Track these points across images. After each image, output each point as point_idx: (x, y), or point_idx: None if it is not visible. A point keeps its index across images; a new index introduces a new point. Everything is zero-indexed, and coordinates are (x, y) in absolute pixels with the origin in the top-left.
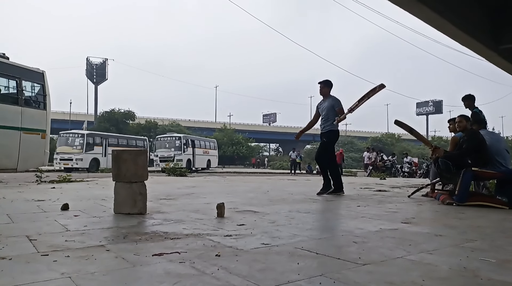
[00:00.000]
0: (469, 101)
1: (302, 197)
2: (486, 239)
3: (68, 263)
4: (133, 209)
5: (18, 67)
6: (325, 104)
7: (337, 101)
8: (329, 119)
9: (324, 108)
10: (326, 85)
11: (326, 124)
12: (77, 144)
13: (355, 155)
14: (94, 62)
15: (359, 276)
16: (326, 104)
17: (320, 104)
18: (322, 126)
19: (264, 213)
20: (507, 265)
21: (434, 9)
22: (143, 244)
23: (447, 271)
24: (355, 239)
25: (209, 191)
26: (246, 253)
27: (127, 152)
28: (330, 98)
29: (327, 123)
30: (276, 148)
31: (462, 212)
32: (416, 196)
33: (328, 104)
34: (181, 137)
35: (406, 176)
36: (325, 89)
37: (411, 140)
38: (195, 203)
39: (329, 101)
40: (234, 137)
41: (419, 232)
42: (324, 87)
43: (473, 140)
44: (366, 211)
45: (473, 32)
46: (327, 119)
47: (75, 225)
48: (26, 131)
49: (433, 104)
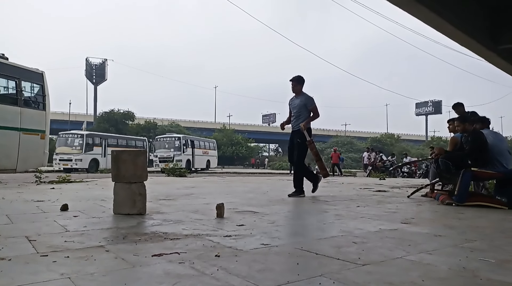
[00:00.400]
0: (459, 109)
1: (301, 198)
2: (485, 239)
3: (68, 264)
4: (133, 210)
5: (17, 67)
6: (297, 101)
7: (310, 100)
8: (300, 117)
9: (296, 106)
10: (298, 82)
11: (298, 122)
12: (76, 144)
13: (354, 156)
14: (93, 62)
15: (359, 277)
16: (298, 101)
17: (292, 101)
18: (294, 124)
19: (263, 213)
20: (506, 265)
21: (433, 9)
22: (142, 244)
23: (447, 271)
24: (355, 240)
25: (209, 191)
26: (246, 254)
27: (127, 153)
28: (303, 96)
29: (298, 121)
30: (275, 148)
31: (462, 212)
32: (416, 196)
33: (300, 102)
34: (180, 137)
35: (405, 176)
36: (297, 87)
37: (410, 141)
38: (195, 203)
39: (302, 98)
40: (234, 137)
41: (418, 233)
42: (296, 84)
43: (476, 141)
44: (365, 212)
45: (472, 32)
46: (299, 117)
47: (75, 226)
48: (25, 131)
49: (432, 104)
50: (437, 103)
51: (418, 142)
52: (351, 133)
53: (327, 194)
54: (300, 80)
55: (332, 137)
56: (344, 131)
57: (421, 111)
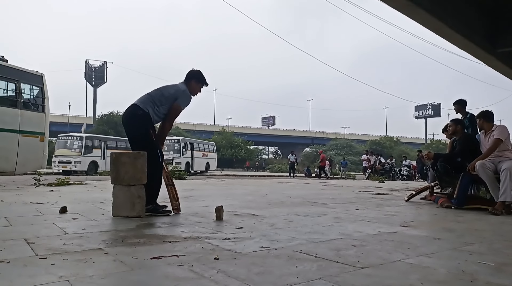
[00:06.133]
0: (458, 106)
1: (300, 200)
2: (484, 243)
3: (66, 267)
4: (132, 212)
5: (17, 70)
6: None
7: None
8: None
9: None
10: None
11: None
12: (75, 147)
13: (353, 158)
14: (93, 65)
15: (358, 280)
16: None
17: None
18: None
19: (262, 216)
20: (505, 268)
21: (432, 12)
22: (141, 247)
23: (446, 274)
24: (354, 242)
25: (208, 194)
26: (245, 256)
27: (126, 155)
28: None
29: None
30: (275, 151)
31: (461, 216)
32: (415, 200)
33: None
34: (180, 140)
35: (404, 179)
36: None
37: (409, 143)
38: (194, 206)
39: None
40: (233, 140)
41: (417, 236)
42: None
43: (465, 143)
44: (364, 214)
45: (471, 36)
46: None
47: (74, 228)
48: (24, 134)
49: (431, 107)
50: (436, 106)
51: (418, 145)
52: (350, 136)
53: (327, 196)
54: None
55: (331, 139)
56: (343, 134)
57: (420, 114)
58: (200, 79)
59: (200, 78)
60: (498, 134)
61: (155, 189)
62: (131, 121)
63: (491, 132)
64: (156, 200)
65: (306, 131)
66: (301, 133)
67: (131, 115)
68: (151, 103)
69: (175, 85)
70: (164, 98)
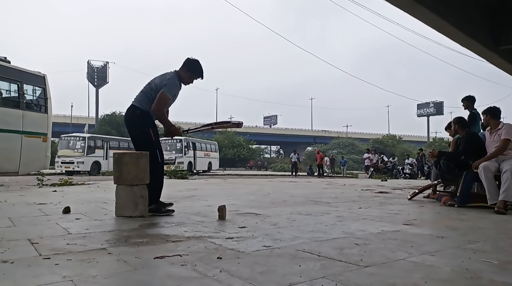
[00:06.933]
0: (467, 103)
1: (303, 199)
2: (488, 241)
3: (70, 267)
4: (135, 212)
5: (19, 70)
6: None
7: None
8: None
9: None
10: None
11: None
12: (78, 147)
13: (356, 157)
14: (95, 65)
15: (361, 278)
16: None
17: None
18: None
19: (265, 215)
20: (509, 266)
21: (435, 10)
22: (144, 247)
23: (449, 273)
24: (357, 241)
25: (210, 193)
26: (248, 256)
27: (128, 155)
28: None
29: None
30: (277, 150)
31: (464, 214)
32: (418, 198)
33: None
34: (182, 139)
35: (407, 177)
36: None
37: (412, 142)
38: (196, 205)
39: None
40: (235, 139)
41: (421, 234)
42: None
43: (469, 142)
44: (367, 213)
45: (473, 33)
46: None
47: (77, 228)
48: (27, 134)
49: (434, 105)
50: (438, 104)
51: (420, 143)
52: (352, 135)
53: (329, 195)
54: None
55: (333, 138)
56: (345, 133)
57: (423, 112)
58: (192, 69)
59: (193, 68)
60: (505, 133)
61: (156, 189)
62: (130, 122)
63: (497, 130)
64: (158, 200)
65: (308, 130)
66: (303, 132)
67: (130, 116)
68: (146, 100)
69: (162, 75)
70: (153, 91)
